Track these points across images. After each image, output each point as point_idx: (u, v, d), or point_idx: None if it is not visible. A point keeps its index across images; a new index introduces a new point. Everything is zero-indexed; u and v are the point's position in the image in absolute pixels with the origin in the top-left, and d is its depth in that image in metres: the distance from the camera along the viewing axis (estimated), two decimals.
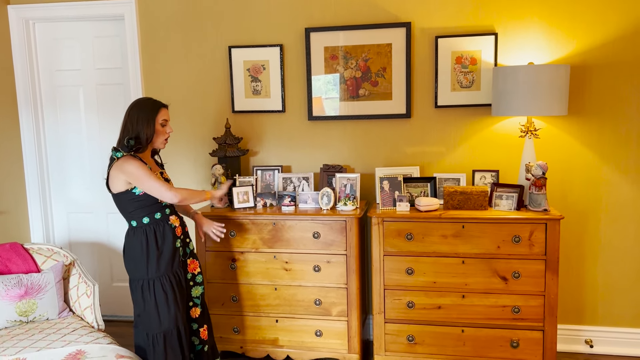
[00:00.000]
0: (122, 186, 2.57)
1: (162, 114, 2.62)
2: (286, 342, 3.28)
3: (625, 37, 3.15)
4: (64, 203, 4.07)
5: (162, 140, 2.66)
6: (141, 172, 2.52)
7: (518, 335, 3.01)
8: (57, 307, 3.02)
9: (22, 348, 2.60)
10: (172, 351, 2.61)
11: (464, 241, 3.00)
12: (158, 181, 2.56)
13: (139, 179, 2.53)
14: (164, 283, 2.63)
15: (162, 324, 2.62)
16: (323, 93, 3.47)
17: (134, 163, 2.53)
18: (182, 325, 2.67)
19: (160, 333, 2.60)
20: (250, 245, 3.23)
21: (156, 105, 2.61)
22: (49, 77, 3.96)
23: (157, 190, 2.55)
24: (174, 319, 2.63)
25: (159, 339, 2.60)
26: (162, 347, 2.59)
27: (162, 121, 2.62)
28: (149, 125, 2.56)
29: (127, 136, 2.55)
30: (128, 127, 2.57)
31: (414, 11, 3.35)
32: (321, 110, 3.49)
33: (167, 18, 3.64)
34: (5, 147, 3.79)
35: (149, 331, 2.61)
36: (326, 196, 3.20)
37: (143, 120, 2.55)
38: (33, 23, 3.90)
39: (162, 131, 2.64)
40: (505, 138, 3.32)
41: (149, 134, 2.57)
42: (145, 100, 2.64)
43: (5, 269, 3.07)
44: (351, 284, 3.15)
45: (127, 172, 2.53)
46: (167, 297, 2.62)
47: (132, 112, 2.59)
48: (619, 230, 3.30)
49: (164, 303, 2.61)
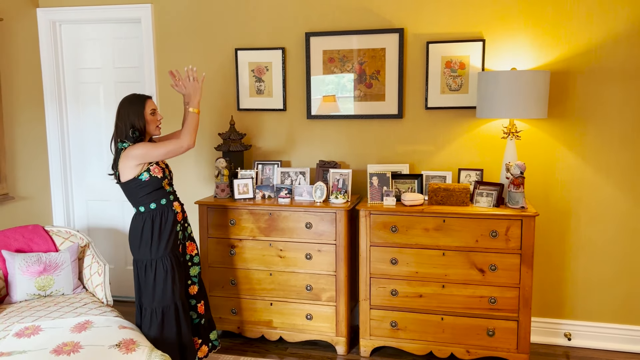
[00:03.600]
0: (131, 173, 2.85)
1: (148, 105, 2.90)
2: (279, 324, 3.53)
3: (608, 45, 3.30)
4: (83, 191, 4.41)
5: (155, 127, 2.94)
6: (149, 147, 2.82)
7: (494, 325, 3.20)
8: (71, 283, 3.33)
9: (38, 317, 2.92)
10: (169, 325, 2.89)
11: (445, 234, 3.20)
12: (165, 144, 2.84)
13: (149, 153, 2.81)
14: (165, 263, 2.90)
15: (162, 300, 2.89)
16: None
17: (139, 145, 2.82)
18: (180, 301, 2.94)
19: (160, 308, 2.88)
20: (248, 234, 3.50)
21: (142, 98, 2.90)
22: (72, 74, 4.30)
23: (167, 150, 2.82)
24: (171, 295, 2.90)
25: (158, 313, 2.88)
26: (160, 320, 2.87)
27: (151, 111, 2.90)
28: (140, 118, 2.85)
29: (121, 132, 2.84)
30: (120, 124, 2.86)
31: (407, 18, 3.55)
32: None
33: (180, 22, 3.93)
34: (31, 139, 4.14)
35: (148, 306, 2.90)
36: (319, 189, 3.44)
37: (133, 114, 2.84)
38: (59, 24, 4.24)
39: (153, 119, 2.92)
40: (490, 139, 3.51)
41: (142, 124, 2.85)
42: (131, 96, 2.92)
43: (28, 247, 3.40)
44: (340, 271, 3.38)
45: (137, 155, 2.80)
46: (167, 275, 2.89)
47: (122, 109, 2.87)
48: (599, 229, 3.45)
49: (163, 281, 2.88)
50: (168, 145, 2.85)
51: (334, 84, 3.70)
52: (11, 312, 3.01)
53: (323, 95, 3.72)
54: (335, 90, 3.70)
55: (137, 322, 3.00)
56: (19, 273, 3.21)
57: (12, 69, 3.93)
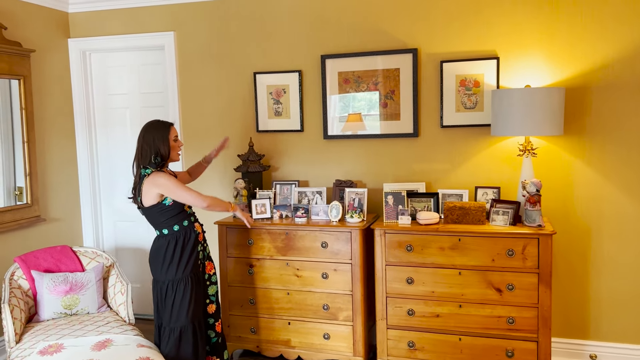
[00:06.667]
0: (154, 199, 2.95)
1: (172, 132, 3.01)
2: (297, 344, 3.56)
3: (625, 60, 3.25)
4: (111, 212, 4.57)
5: (176, 153, 3.04)
6: (172, 183, 2.91)
7: (513, 345, 3.14)
8: (96, 302, 3.45)
9: (62, 335, 3.03)
10: (186, 344, 2.95)
11: (461, 253, 3.18)
12: (189, 191, 2.93)
13: (170, 189, 2.91)
14: (187, 283, 2.98)
15: (181, 320, 2.96)
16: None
17: (164, 176, 2.92)
18: (198, 321, 3.01)
19: (178, 327, 2.95)
20: (265, 253, 3.55)
21: (166, 125, 3.01)
22: (102, 100, 4.49)
23: (188, 198, 2.92)
24: (191, 315, 2.97)
25: (176, 332, 2.95)
26: (177, 339, 2.94)
27: (174, 137, 3.01)
28: (165, 143, 2.95)
29: (146, 155, 2.94)
30: (145, 147, 2.95)
31: (421, 38, 3.59)
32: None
33: (201, 48, 4.07)
34: (63, 162, 4.33)
35: (167, 325, 2.97)
36: (335, 209, 3.48)
37: (158, 139, 2.94)
38: (89, 53, 4.45)
39: (175, 146, 3.02)
40: (507, 156, 3.48)
41: (166, 150, 2.95)
42: (155, 122, 3.03)
43: (56, 267, 3.54)
44: (356, 291, 3.39)
45: (160, 185, 2.90)
46: (187, 295, 2.96)
47: (146, 135, 2.97)
48: (621, 246, 3.36)
49: (182, 301, 2.95)
50: (191, 196, 2.93)
51: (352, 103, 3.75)
52: (38, 330, 3.13)
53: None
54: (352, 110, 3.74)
55: (155, 341, 3.08)
56: (46, 292, 3.34)
57: (45, 96, 4.14)
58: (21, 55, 3.85)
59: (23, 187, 3.99)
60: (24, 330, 3.18)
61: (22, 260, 3.44)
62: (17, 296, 3.27)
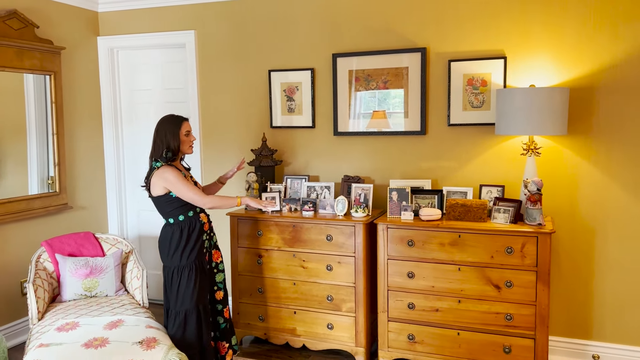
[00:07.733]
0: (162, 191, 3.12)
1: (184, 127, 3.16)
2: (302, 332, 3.69)
3: (633, 60, 3.23)
4: (135, 202, 4.80)
5: (188, 147, 3.20)
6: (177, 180, 3.07)
7: (510, 342, 3.18)
8: (114, 286, 3.67)
9: (80, 315, 3.25)
10: (190, 327, 3.12)
11: (460, 250, 3.24)
12: (192, 189, 3.09)
13: (175, 186, 3.07)
14: (191, 269, 3.14)
15: (186, 303, 3.13)
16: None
17: (172, 172, 3.08)
18: (202, 305, 3.17)
19: (183, 311, 3.12)
20: (274, 244, 3.69)
21: (179, 120, 3.16)
22: (128, 95, 4.72)
23: (190, 197, 3.08)
24: (195, 300, 3.14)
25: (181, 315, 3.12)
26: (182, 322, 3.11)
27: (186, 132, 3.16)
28: (175, 138, 3.11)
29: (158, 149, 3.11)
30: (158, 141, 3.13)
31: (430, 37, 3.64)
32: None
33: (220, 46, 4.24)
34: (90, 154, 4.58)
35: (173, 308, 3.15)
36: (341, 203, 3.58)
37: (170, 134, 3.11)
38: (117, 51, 4.68)
39: (187, 140, 3.18)
40: (512, 155, 3.51)
41: (176, 145, 3.12)
42: (169, 116, 3.19)
43: (79, 252, 3.78)
44: (359, 283, 3.49)
45: (166, 180, 3.07)
46: (191, 281, 3.12)
47: (160, 129, 3.15)
48: (627, 246, 3.34)
49: (187, 286, 3.12)
50: (195, 195, 3.08)
51: (365, 101, 3.84)
52: (59, 310, 3.36)
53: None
54: (365, 108, 3.84)
55: (164, 323, 3.26)
56: (69, 275, 3.58)
57: (74, 90, 4.39)
58: (52, 52, 4.10)
59: (55, 177, 4.25)
60: (47, 309, 3.42)
61: (48, 244, 3.69)
62: (41, 277, 3.51)
